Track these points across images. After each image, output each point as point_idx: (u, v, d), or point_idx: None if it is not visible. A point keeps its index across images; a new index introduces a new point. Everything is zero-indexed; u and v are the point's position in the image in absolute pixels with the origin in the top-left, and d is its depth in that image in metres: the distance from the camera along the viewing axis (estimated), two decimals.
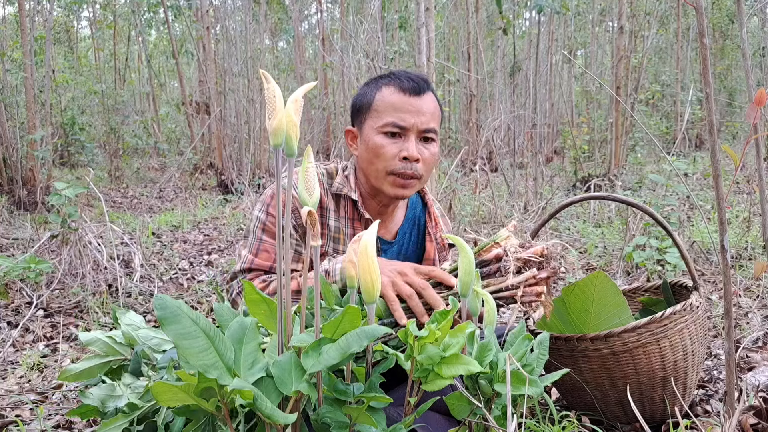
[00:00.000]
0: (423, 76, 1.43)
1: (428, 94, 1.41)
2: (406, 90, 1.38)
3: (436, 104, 1.43)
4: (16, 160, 5.65)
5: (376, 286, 0.98)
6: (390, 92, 1.39)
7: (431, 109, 1.40)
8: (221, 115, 7.72)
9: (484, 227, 4.46)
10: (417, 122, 1.37)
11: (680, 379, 1.46)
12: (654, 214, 1.48)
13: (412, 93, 1.38)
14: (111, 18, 12.02)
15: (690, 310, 1.44)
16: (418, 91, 1.38)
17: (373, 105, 1.41)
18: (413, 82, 1.39)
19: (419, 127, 1.38)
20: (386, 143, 1.38)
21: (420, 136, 1.39)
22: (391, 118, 1.37)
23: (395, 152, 1.37)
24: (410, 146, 1.37)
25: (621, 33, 6.48)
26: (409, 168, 1.38)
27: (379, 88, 1.41)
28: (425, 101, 1.39)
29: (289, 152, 0.93)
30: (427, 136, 1.40)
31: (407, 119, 1.37)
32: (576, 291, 1.56)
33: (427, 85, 1.42)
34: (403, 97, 1.38)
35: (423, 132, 1.39)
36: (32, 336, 2.41)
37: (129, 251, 3.38)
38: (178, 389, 0.88)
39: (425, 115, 1.38)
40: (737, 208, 4.75)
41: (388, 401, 0.95)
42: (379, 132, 1.39)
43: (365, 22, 5.14)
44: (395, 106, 1.38)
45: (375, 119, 1.40)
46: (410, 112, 1.37)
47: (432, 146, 1.42)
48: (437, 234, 1.55)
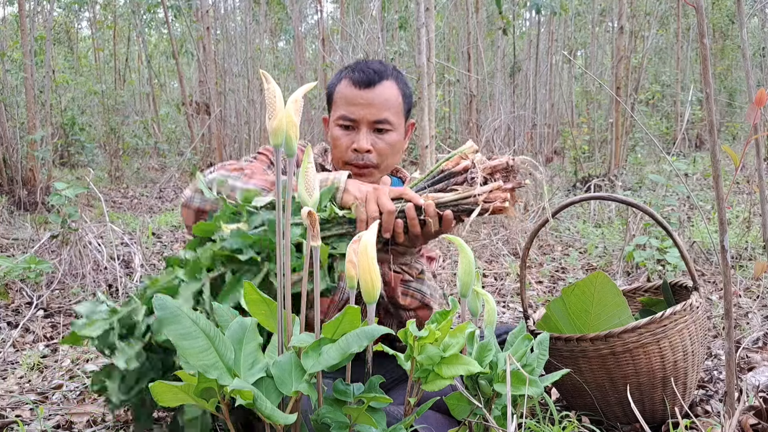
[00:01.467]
0: (378, 67, 1.44)
1: (383, 84, 1.42)
2: (356, 83, 1.42)
3: (393, 92, 1.45)
4: (16, 160, 5.65)
5: (377, 286, 0.98)
6: (344, 85, 1.44)
7: (384, 98, 1.42)
8: (221, 115, 7.72)
9: (485, 227, 4.46)
10: (366, 114, 1.41)
11: (680, 380, 1.46)
12: (654, 215, 1.48)
13: (362, 86, 1.41)
14: (111, 18, 12.02)
15: (690, 310, 1.44)
16: (369, 84, 1.41)
17: (334, 97, 1.47)
18: (364, 74, 1.42)
19: (369, 119, 1.41)
20: (341, 135, 1.44)
21: (372, 128, 1.43)
22: (342, 111, 1.43)
23: (348, 144, 1.43)
24: (360, 138, 1.41)
25: (621, 33, 6.48)
26: (360, 159, 1.42)
27: (340, 80, 1.47)
28: (377, 92, 1.42)
29: (289, 152, 0.93)
30: (380, 127, 1.43)
31: (356, 112, 1.41)
32: (576, 291, 1.56)
33: (381, 75, 1.43)
34: (354, 90, 1.42)
35: (374, 123, 1.42)
36: (32, 336, 2.41)
37: (129, 251, 3.38)
38: (178, 389, 0.88)
39: (375, 107, 1.41)
40: (737, 208, 4.74)
41: (388, 401, 0.95)
42: (336, 124, 1.45)
43: (365, 23, 5.14)
44: (347, 99, 1.43)
45: (334, 111, 1.47)
46: (359, 105, 1.41)
47: (387, 135, 1.44)
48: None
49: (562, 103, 11.38)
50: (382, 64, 1.47)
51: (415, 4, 3.54)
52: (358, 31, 5.14)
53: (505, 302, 2.88)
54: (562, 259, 3.66)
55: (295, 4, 8.20)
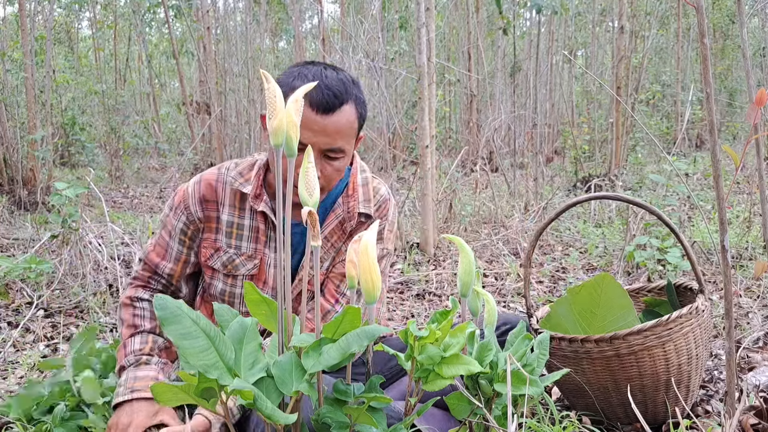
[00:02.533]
0: (338, 89, 1.29)
1: (342, 110, 1.29)
2: (314, 105, 1.27)
3: (350, 118, 1.32)
4: (17, 160, 5.65)
5: (377, 286, 0.98)
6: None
7: (340, 126, 1.30)
8: (222, 115, 7.72)
9: (485, 227, 4.46)
10: (319, 142, 1.29)
11: (683, 383, 1.45)
12: (661, 215, 1.48)
13: (320, 110, 1.27)
14: (111, 18, 12.03)
15: (696, 313, 1.44)
16: (327, 109, 1.28)
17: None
18: (324, 97, 1.27)
19: (321, 147, 1.30)
20: None
21: (322, 154, 1.32)
22: None
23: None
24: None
25: (621, 33, 6.48)
26: None
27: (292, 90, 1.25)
28: (334, 119, 1.29)
29: (290, 152, 0.93)
30: (331, 155, 1.32)
31: (309, 137, 1.28)
32: (582, 292, 1.56)
33: (342, 99, 1.29)
34: (309, 113, 1.27)
35: (326, 151, 1.31)
36: (32, 336, 2.41)
37: (129, 251, 3.38)
38: (178, 389, 0.88)
39: (330, 135, 1.29)
40: (738, 208, 4.74)
41: (388, 401, 0.95)
42: None
43: (365, 22, 5.14)
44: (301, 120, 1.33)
45: None
46: (314, 130, 1.28)
47: (337, 161, 1.34)
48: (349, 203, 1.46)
49: (562, 102, 11.38)
50: (341, 81, 1.31)
51: (415, 4, 3.54)
52: (359, 31, 5.14)
53: (505, 302, 2.88)
54: (562, 258, 3.66)
55: (295, 4, 8.20)
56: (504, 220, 4.54)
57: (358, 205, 1.46)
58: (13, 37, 8.04)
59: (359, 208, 1.46)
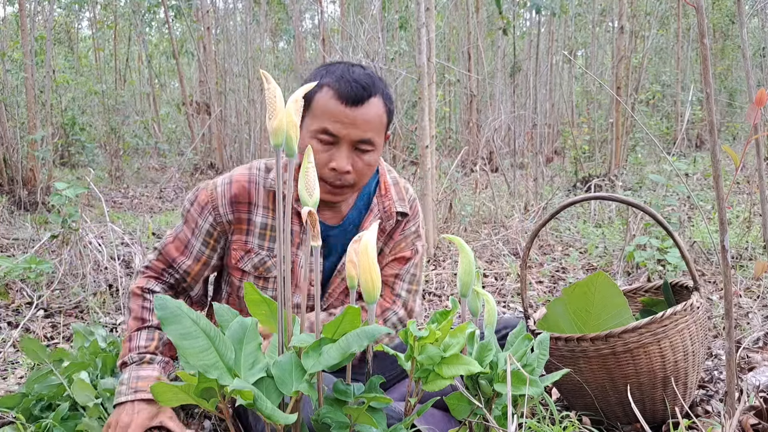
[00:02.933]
0: (366, 81, 1.32)
1: (371, 102, 1.32)
2: (344, 98, 1.29)
3: (379, 111, 1.34)
4: (17, 160, 5.65)
5: (377, 286, 0.98)
6: (328, 97, 1.31)
7: (370, 118, 1.32)
8: (221, 115, 7.72)
9: (485, 227, 4.46)
10: (351, 133, 1.30)
11: (681, 380, 1.46)
12: (655, 215, 1.48)
13: (349, 103, 1.29)
14: (112, 18, 12.03)
15: (690, 310, 1.44)
16: (356, 101, 1.30)
17: (312, 104, 1.33)
18: (352, 90, 1.29)
19: (353, 138, 1.31)
20: (318, 149, 1.32)
21: (353, 147, 1.33)
22: (323, 124, 1.30)
23: (326, 160, 1.32)
24: (340, 158, 1.31)
25: (621, 33, 6.48)
26: (338, 179, 1.33)
27: (321, 87, 1.33)
28: (364, 111, 1.31)
29: (290, 152, 0.93)
30: (362, 147, 1.33)
31: (340, 130, 1.30)
32: (576, 291, 1.56)
33: (370, 91, 1.32)
34: (339, 106, 1.29)
35: (357, 143, 1.32)
36: (33, 336, 2.41)
37: (129, 251, 3.38)
38: (178, 389, 0.88)
39: (360, 127, 1.31)
40: (737, 208, 4.74)
41: (388, 401, 0.95)
42: (313, 136, 1.32)
43: (365, 23, 5.14)
44: (330, 113, 1.30)
45: (310, 120, 1.33)
46: (344, 123, 1.30)
47: (368, 155, 1.35)
48: (384, 203, 1.48)
49: (562, 103, 11.38)
50: (368, 75, 1.35)
51: (415, 4, 3.54)
52: (359, 31, 5.14)
53: (505, 302, 2.88)
54: (562, 259, 3.66)
55: (295, 4, 8.20)
56: (504, 220, 4.54)
57: (394, 204, 1.48)
58: (13, 37, 8.04)
59: (396, 207, 1.48)
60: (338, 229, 1.47)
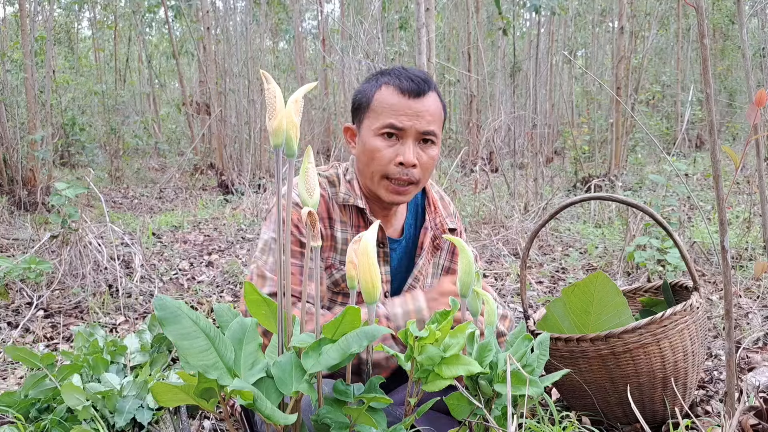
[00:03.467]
0: (424, 76, 1.36)
1: (430, 95, 1.35)
2: (406, 91, 1.32)
3: (438, 105, 1.37)
4: (17, 160, 5.65)
5: (377, 286, 0.98)
6: (389, 93, 1.33)
7: (432, 110, 1.34)
8: (221, 115, 7.72)
9: (485, 227, 4.46)
10: (416, 125, 1.32)
11: (680, 380, 1.46)
12: (654, 215, 1.48)
13: (411, 95, 1.32)
14: (112, 18, 12.04)
15: (690, 310, 1.44)
16: (419, 93, 1.32)
17: (372, 105, 1.35)
18: (413, 83, 1.32)
19: (418, 130, 1.32)
20: (382, 146, 1.33)
21: (419, 139, 1.34)
22: (388, 120, 1.32)
23: (391, 156, 1.33)
24: (407, 151, 1.32)
25: (621, 33, 6.48)
26: (404, 173, 1.33)
27: (379, 86, 1.35)
28: (426, 103, 1.33)
29: (290, 153, 0.93)
30: (427, 138, 1.35)
31: (405, 122, 1.31)
32: (576, 291, 1.56)
33: (429, 84, 1.35)
34: (402, 99, 1.32)
35: (422, 135, 1.33)
36: (32, 336, 2.41)
37: (129, 252, 3.38)
38: (178, 389, 0.88)
39: (425, 118, 1.33)
40: (737, 208, 4.74)
41: (388, 402, 0.95)
42: (376, 134, 1.33)
43: (365, 23, 5.14)
44: (393, 107, 1.32)
45: (372, 120, 1.34)
46: (408, 115, 1.32)
47: (431, 149, 1.36)
48: (436, 219, 1.51)
49: (562, 103, 11.39)
50: (423, 72, 1.38)
51: (415, 5, 3.54)
52: (359, 32, 5.14)
53: (505, 302, 2.88)
54: (562, 259, 3.66)
55: (295, 4, 8.20)
56: (504, 221, 4.54)
57: (445, 220, 1.52)
58: (13, 38, 8.04)
59: (447, 224, 1.52)
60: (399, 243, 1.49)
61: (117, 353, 1.85)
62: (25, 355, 1.59)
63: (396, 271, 1.48)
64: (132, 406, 1.56)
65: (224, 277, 3.33)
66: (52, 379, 1.57)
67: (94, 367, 1.69)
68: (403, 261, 1.49)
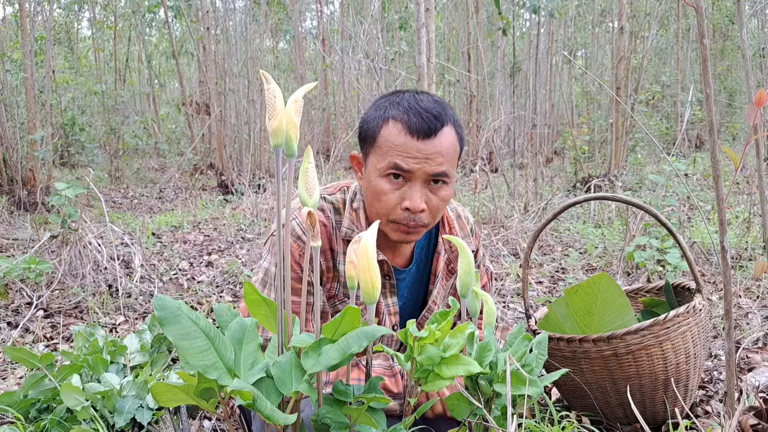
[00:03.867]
0: (437, 110, 1.21)
1: (443, 132, 1.21)
2: (414, 131, 1.19)
3: (452, 141, 1.23)
4: (16, 160, 5.65)
5: (376, 287, 0.98)
6: (396, 131, 1.20)
7: (445, 150, 1.21)
8: (221, 115, 7.73)
9: (485, 228, 4.46)
10: (424, 167, 1.19)
11: (682, 382, 1.45)
12: (657, 215, 1.48)
13: (420, 135, 1.19)
14: (111, 18, 12.04)
15: (693, 312, 1.44)
16: (429, 133, 1.19)
17: (377, 141, 1.23)
18: (423, 121, 1.19)
19: (427, 172, 1.20)
20: (388, 189, 1.21)
21: (428, 181, 1.22)
22: (394, 160, 1.19)
23: (397, 200, 1.22)
24: (414, 196, 1.20)
25: (621, 34, 6.48)
26: (411, 219, 1.22)
27: (386, 121, 1.22)
28: (437, 143, 1.20)
29: (289, 153, 0.93)
30: (437, 179, 1.22)
31: (412, 165, 1.19)
32: (579, 292, 1.56)
33: (442, 120, 1.21)
34: (409, 140, 1.19)
35: (432, 177, 1.21)
36: (32, 336, 2.41)
37: (129, 252, 3.38)
38: (178, 389, 0.88)
39: (435, 160, 1.20)
40: (737, 208, 4.75)
41: (388, 401, 0.95)
42: (381, 174, 1.22)
43: (365, 23, 5.14)
44: (401, 148, 1.19)
45: (378, 157, 1.22)
46: (417, 158, 1.19)
47: (443, 190, 1.24)
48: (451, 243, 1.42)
49: (562, 103, 11.39)
50: (438, 102, 1.23)
51: (415, 5, 3.54)
52: (359, 32, 5.14)
53: (505, 302, 2.88)
54: (562, 259, 3.66)
55: (295, 4, 8.20)
56: (504, 221, 4.54)
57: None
58: (13, 38, 8.04)
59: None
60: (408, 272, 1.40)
61: (117, 353, 1.85)
62: (24, 356, 1.59)
63: (407, 300, 1.41)
64: (132, 406, 1.56)
65: (224, 277, 3.33)
66: (52, 379, 1.57)
67: (94, 367, 1.69)
68: (414, 288, 1.41)
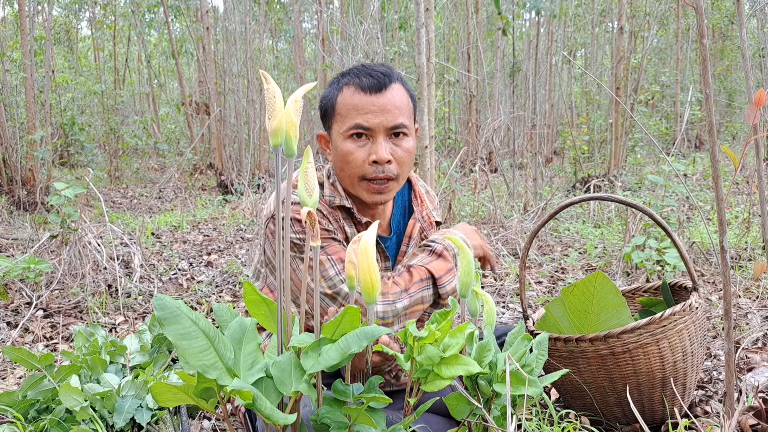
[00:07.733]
0: (385, 69, 1.32)
1: (393, 87, 1.31)
2: (366, 88, 1.29)
3: (404, 95, 1.34)
4: (16, 160, 5.65)
5: (376, 287, 0.98)
6: (350, 93, 1.31)
7: (398, 103, 1.31)
8: (221, 115, 7.72)
9: (484, 227, 4.46)
10: (383, 121, 1.29)
11: (679, 380, 1.46)
12: (653, 215, 1.48)
13: (372, 90, 1.29)
14: (111, 18, 12.04)
15: (689, 310, 1.44)
16: (380, 87, 1.29)
17: (337, 108, 1.33)
18: (373, 78, 1.30)
19: (386, 125, 1.30)
20: (354, 148, 1.30)
21: (389, 134, 1.31)
22: (354, 120, 1.30)
23: (364, 156, 1.31)
24: (378, 148, 1.29)
25: (621, 34, 6.48)
26: (380, 171, 1.31)
27: (340, 89, 1.33)
28: (389, 96, 1.30)
29: (289, 153, 0.93)
30: (398, 132, 1.32)
31: (371, 120, 1.29)
32: (575, 291, 1.56)
33: (390, 78, 1.32)
34: (364, 97, 1.29)
35: (391, 129, 1.31)
36: (32, 336, 2.41)
37: (129, 251, 3.38)
38: (177, 389, 0.88)
39: (391, 112, 1.29)
40: (737, 208, 4.75)
41: (388, 401, 0.95)
42: (346, 137, 1.31)
43: (365, 23, 5.14)
44: (357, 107, 1.30)
45: (340, 123, 1.32)
46: (373, 111, 1.29)
47: (405, 141, 1.33)
48: (423, 212, 1.51)
49: (561, 103, 11.39)
50: (385, 66, 1.34)
51: (414, 5, 3.54)
52: (358, 32, 5.14)
53: (504, 302, 2.88)
54: (561, 259, 3.66)
55: (295, 4, 8.21)
56: (503, 221, 4.54)
57: (431, 213, 1.53)
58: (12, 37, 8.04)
59: (434, 217, 1.53)
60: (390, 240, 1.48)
61: (116, 353, 1.85)
62: (23, 356, 1.59)
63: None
64: (131, 406, 1.56)
65: (223, 277, 3.33)
66: (51, 379, 1.57)
67: (93, 368, 1.68)
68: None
